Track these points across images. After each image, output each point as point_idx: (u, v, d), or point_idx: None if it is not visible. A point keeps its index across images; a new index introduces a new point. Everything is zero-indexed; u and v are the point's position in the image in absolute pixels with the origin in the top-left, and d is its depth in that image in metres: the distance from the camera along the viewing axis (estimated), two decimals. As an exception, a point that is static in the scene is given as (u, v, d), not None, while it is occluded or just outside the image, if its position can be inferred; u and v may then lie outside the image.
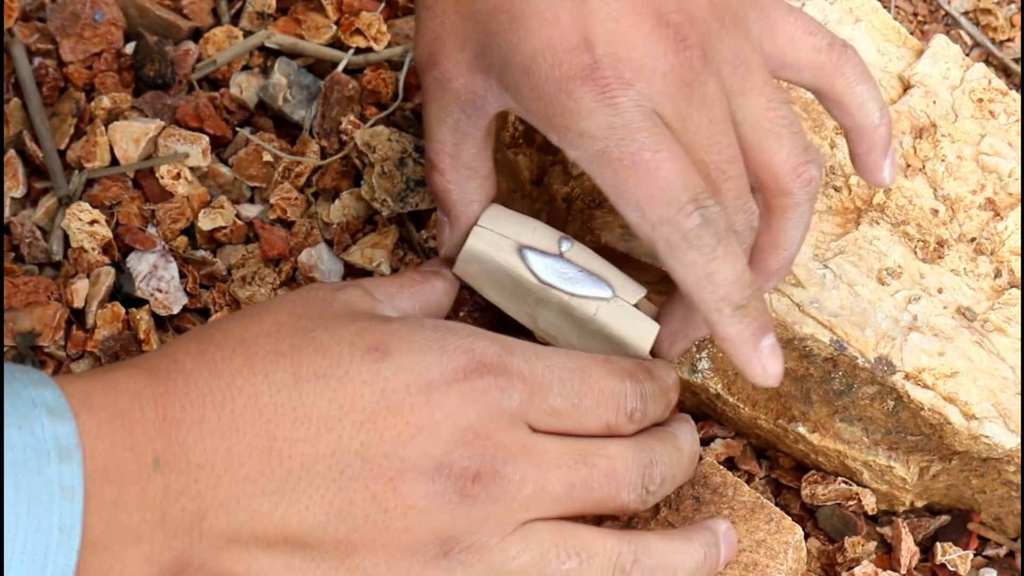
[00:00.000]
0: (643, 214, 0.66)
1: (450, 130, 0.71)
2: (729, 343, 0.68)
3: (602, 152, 0.65)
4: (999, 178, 0.84)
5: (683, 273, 0.66)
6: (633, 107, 0.65)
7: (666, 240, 0.66)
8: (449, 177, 0.72)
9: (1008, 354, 0.79)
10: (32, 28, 0.95)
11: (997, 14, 1.01)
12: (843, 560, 0.82)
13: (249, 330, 0.64)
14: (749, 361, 0.68)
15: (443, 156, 0.72)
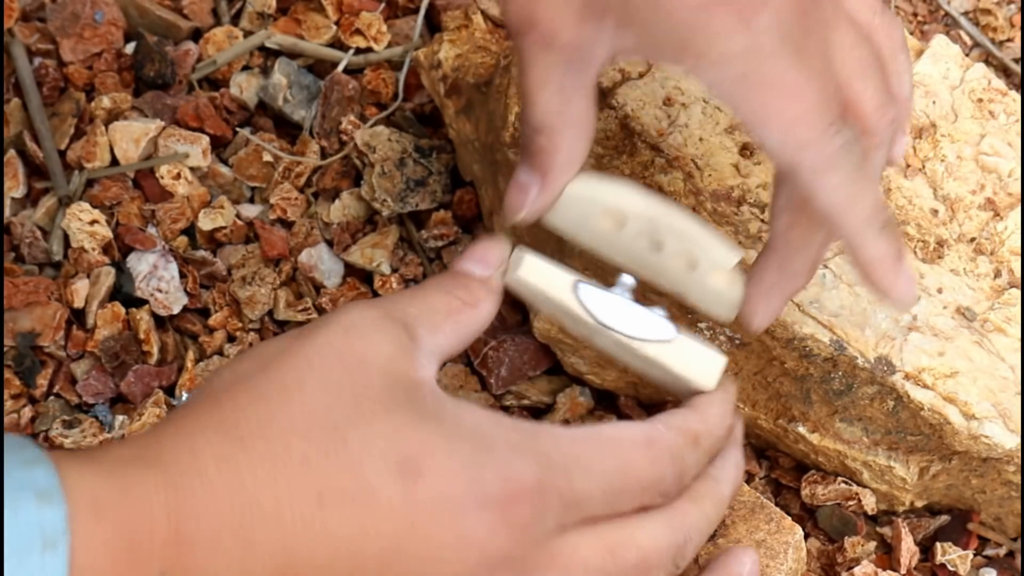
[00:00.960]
0: (786, 137, 0.64)
1: (555, 92, 0.67)
2: (876, 264, 0.67)
3: (743, 75, 0.64)
4: (999, 178, 0.84)
5: (828, 197, 0.65)
6: (771, 29, 0.64)
7: (811, 163, 0.65)
8: (558, 137, 0.68)
9: (1008, 354, 0.79)
10: (32, 28, 0.95)
11: (997, 14, 1.01)
12: (843, 560, 0.82)
13: (277, 421, 0.60)
14: (894, 282, 0.68)
15: (549, 117, 0.68)
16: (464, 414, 0.63)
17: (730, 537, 0.75)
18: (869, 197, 0.66)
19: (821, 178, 0.65)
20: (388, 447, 0.60)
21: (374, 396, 0.61)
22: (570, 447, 0.64)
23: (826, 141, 0.65)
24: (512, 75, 0.84)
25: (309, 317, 0.88)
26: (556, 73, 0.67)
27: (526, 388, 0.87)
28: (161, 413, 0.84)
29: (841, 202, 0.66)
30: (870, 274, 0.68)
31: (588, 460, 0.64)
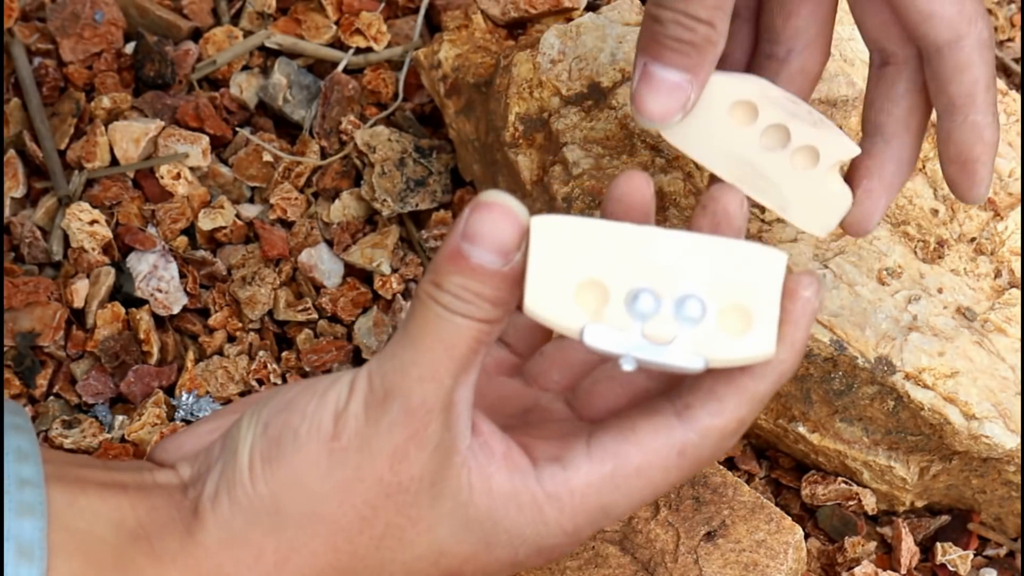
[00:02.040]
0: (962, 7, 0.67)
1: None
2: (990, 149, 0.69)
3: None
4: (999, 178, 0.84)
5: (980, 71, 0.68)
6: None
7: (978, 35, 0.68)
8: (720, 29, 0.66)
9: (1008, 354, 0.79)
10: (32, 28, 0.95)
11: (997, 14, 1.01)
12: (843, 560, 0.82)
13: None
14: (991, 171, 0.70)
15: (712, 10, 0.65)
16: (494, 507, 0.59)
17: (730, 537, 0.75)
18: (996, 87, 0.70)
19: (983, 52, 0.68)
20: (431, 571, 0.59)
21: (422, 522, 0.59)
22: (596, 499, 0.60)
23: (988, 20, 0.68)
24: (513, 74, 0.84)
25: (309, 317, 0.88)
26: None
27: (526, 388, 0.87)
28: (161, 413, 0.84)
29: (987, 81, 0.68)
30: (977, 159, 0.69)
31: (616, 507, 0.60)
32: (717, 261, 0.59)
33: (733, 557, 0.74)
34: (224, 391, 0.86)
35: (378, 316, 0.88)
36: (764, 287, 0.59)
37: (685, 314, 0.58)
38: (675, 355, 0.58)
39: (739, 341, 0.59)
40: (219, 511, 0.57)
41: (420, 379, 0.56)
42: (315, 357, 0.87)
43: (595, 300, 0.59)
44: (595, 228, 0.59)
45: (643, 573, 0.74)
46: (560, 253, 0.58)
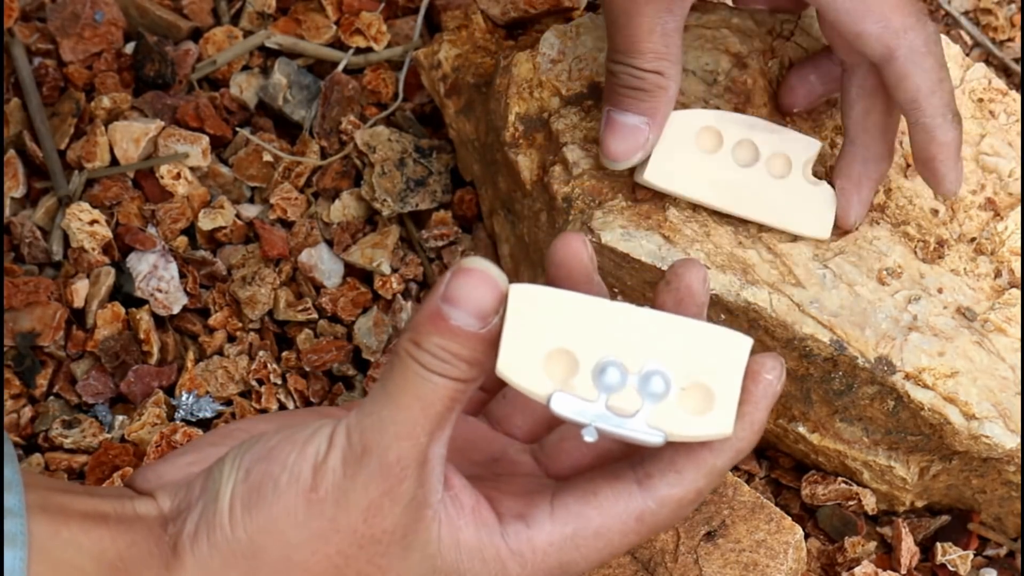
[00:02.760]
0: (887, 23, 0.73)
1: (661, 35, 0.76)
2: (943, 149, 0.75)
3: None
4: (999, 178, 0.84)
5: (920, 79, 0.74)
6: None
7: (910, 46, 0.73)
8: (668, 75, 0.76)
9: (1008, 354, 0.79)
10: (32, 28, 0.95)
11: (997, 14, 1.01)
12: (843, 560, 0.82)
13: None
14: (951, 170, 0.76)
15: (657, 60, 0.76)
16: (461, 560, 0.60)
17: (730, 537, 0.75)
18: (948, 85, 0.75)
19: (918, 60, 0.74)
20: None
21: (393, 572, 0.60)
22: (557, 557, 0.61)
23: (922, 27, 0.74)
24: (513, 74, 0.84)
25: (309, 317, 0.88)
26: (659, 20, 0.75)
27: (526, 388, 0.87)
28: (161, 413, 0.84)
29: (930, 86, 0.74)
30: (934, 158, 0.75)
31: (574, 566, 0.62)
32: (685, 340, 0.60)
33: (733, 557, 0.74)
34: (224, 391, 0.86)
35: (378, 316, 0.88)
36: (727, 369, 0.60)
37: (649, 389, 0.60)
38: (636, 429, 0.60)
39: (698, 419, 0.60)
40: (198, 551, 0.59)
41: (397, 436, 0.58)
42: (315, 357, 0.87)
43: (564, 369, 0.60)
44: (569, 300, 0.60)
45: (643, 573, 0.74)
46: (534, 321, 0.59)
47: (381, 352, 0.87)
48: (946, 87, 0.75)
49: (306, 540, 0.58)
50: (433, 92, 0.91)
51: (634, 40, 0.75)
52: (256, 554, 0.58)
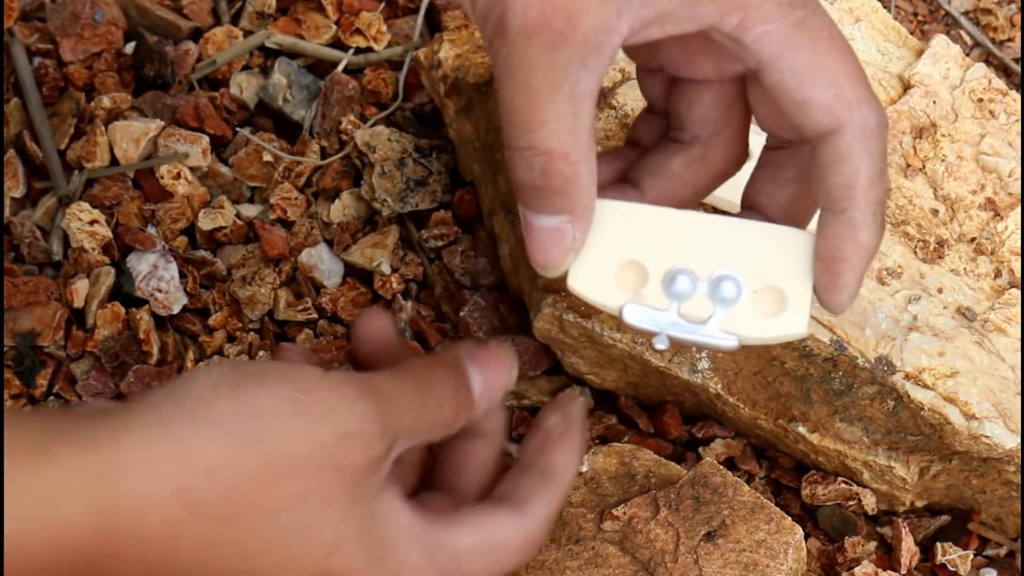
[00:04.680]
0: (839, 92, 0.61)
1: (568, 98, 0.58)
2: (861, 254, 0.62)
3: (800, 22, 0.60)
4: (999, 178, 0.84)
5: (862, 163, 0.61)
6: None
7: (862, 123, 0.61)
8: (575, 158, 0.59)
9: (1008, 354, 0.79)
10: (32, 28, 0.95)
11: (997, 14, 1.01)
12: (843, 560, 0.82)
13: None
14: (857, 280, 0.63)
15: (563, 135, 0.59)
16: (393, 535, 0.61)
17: (730, 537, 0.75)
18: (886, 182, 0.63)
19: (867, 141, 0.61)
20: (316, 563, 0.59)
21: (336, 509, 0.59)
22: (466, 563, 0.63)
23: (876, 104, 0.62)
24: (512, 75, 0.84)
25: (309, 317, 0.88)
26: (571, 71, 0.59)
27: (526, 388, 0.87)
28: (161, 413, 0.84)
29: (870, 174, 0.62)
30: (845, 260, 0.62)
31: (474, 574, 0.64)
32: (751, 243, 0.61)
33: (733, 557, 0.74)
34: (224, 391, 0.86)
35: (378, 316, 0.88)
36: (795, 269, 0.61)
37: (720, 294, 0.60)
38: (709, 334, 0.60)
39: (772, 320, 0.61)
40: (162, 413, 0.57)
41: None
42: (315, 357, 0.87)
43: (634, 280, 0.61)
44: (636, 212, 0.61)
45: (643, 573, 0.74)
46: (603, 236, 0.60)
47: (381, 352, 0.87)
48: (884, 183, 0.62)
49: (280, 430, 0.57)
50: (433, 92, 0.91)
51: (531, 105, 0.58)
52: (231, 429, 0.57)
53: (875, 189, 0.62)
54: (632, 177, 0.66)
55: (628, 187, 0.66)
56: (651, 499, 0.76)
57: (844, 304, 0.63)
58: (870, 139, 0.62)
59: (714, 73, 0.65)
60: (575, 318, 0.80)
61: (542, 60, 0.58)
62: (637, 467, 0.78)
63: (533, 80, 0.58)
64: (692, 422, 0.87)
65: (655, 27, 0.60)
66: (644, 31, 0.60)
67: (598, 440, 0.85)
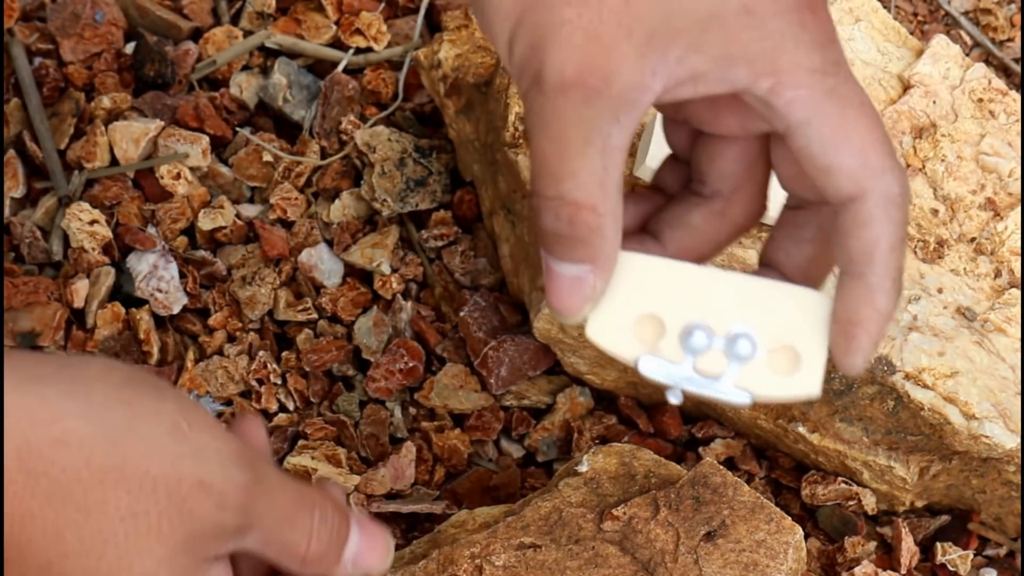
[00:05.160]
0: (866, 159, 0.61)
1: (599, 152, 0.59)
2: (878, 318, 0.62)
3: (832, 89, 0.61)
4: (999, 178, 0.84)
5: (884, 230, 0.61)
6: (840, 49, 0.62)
7: (886, 192, 0.61)
8: (602, 210, 0.60)
9: (1008, 354, 0.79)
10: (32, 28, 0.95)
11: (997, 14, 1.01)
12: (843, 560, 0.82)
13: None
14: (873, 344, 0.62)
15: (592, 188, 0.59)
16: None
17: (730, 537, 0.75)
18: (905, 250, 0.63)
19: (891, 210, 0.61)
20: None
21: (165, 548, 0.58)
22: None
23: (901, 173, 0.62)
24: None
25: (309, 317, 0.88)
26: (603, 126, 0.59)
27: (526, 388, 0.87)
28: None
29: (892, 242, 0.61)
30: (861, 323, 0.62)
31: None
32: (768, 302, 0.62)
33: (733, 557, 0.74)
34: (224, 391, 0.86)
35: (378, 316, 0.88)
36: (811, 330, 0.62)
37: (736, 351, 0.61)
38: (723, 390, 0.61)
39: (785, 380, 0.61)
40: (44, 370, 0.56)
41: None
42: (315, 357, 0.87)
43: (651, 333, 0.61)
44: (656, 265, 0.61)
45: (643, 573, 0.74)
46: (623, 287, 0.61)
47: (381, 352, 0.87)
48: (903, 251, 0.62)
49: (147, 448, 0.57)
50: (433, 92, 0.91)
51: (563, 158, 0.59)
52: (103, 417, 0.56)
53: (895, 255, 0.62)
54: (653, 229, 0.67)
55: (648, 239, 0.66)
56: (651, 499, 0.76)
57: (859, 367, 0.63)
58: (893, 207, 0.61)
59: (739, 130, 0.65)
60: (575, 318, 0.80)
61: (576, 114, 0.59)
62: (637, 467, 0.78)
63: (566, 133, 0.59)
64: (692, 422, 0.87)
65: (687, 87, 0.61)
66: (676, 90, 0.61)
67: (598, 440, 0.85)
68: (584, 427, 0.85)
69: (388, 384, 0.86)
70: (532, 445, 0.86)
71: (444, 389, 0.86)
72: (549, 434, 0.86)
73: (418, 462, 0.85)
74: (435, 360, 0.88)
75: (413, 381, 0.87)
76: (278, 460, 0.85)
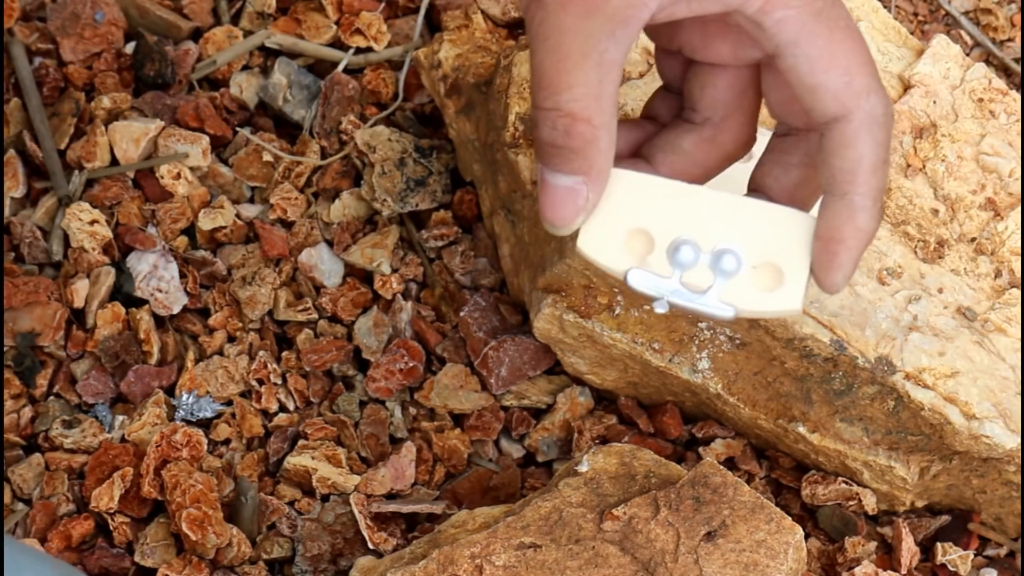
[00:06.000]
0: (850, 80, 0.63)
1: (595, 65, 0.61)
2: (859, 236, 0.64)
3: (820, 11, 0.63)
4: (999, 178, 0.84)
5: (867, 149, 0.63)
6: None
7: (870, 112, 0.63)
8: (597, 122, 0.62)
9: (1008, 354, 0.79)
10: (32, 28, 0.95)
11: (997, 14, 1.01)
12: (843, 560, 0.82)
13: None
14: (853, 261, 0.65)
15: (588, 100, 0.61)
16: None
17: (730, 537, 0.75)
18: (887, 171, 0.65)
19: (874, 130, 0.63)
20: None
21: None
22: None
23: (884, 94, 0.64)
24: (513, 74, 0.84)
25: (309, 317, 0.88)
26: (600, 41, 0.61)
27: (526, 388, 0.87)
28: (161, 413, 0.84)
29: (874, 161, 0.64)
30: (843, 241, 0.64)
31: None
32: (755, 220, 0.63)
33: (733, 557, 0.74)
34: (224, 391, 0.86)
35: (378, 316, 0.88)
36: (794, 248, 0.63)
37: (721, 267, 0.63)
38: (708, 303, 0.63)
39: (768, 295, 0.63)
40: None
41: None
42: (315, 357, 0.87)
43: (641, 247, 0.63)
44: (647, 183, 0.63)
45: (643, 573, 0.74)
46: (614, 203, 0.63)
47: (381, 352, 0.87)
48: (886, 172, 0.64)
49: None
50: (433, 92, 0.91)
51: (560, 70, 0.61)
52: None
53: (877, 176, 0.64)
54: (645, 153, 0.69)
55: (641, 161, 0.68)
56: (651, 499, 0.76)
57: (839, 284, 0.65)
58: (876, 127, 0.64)
59: (730, 58, 0.67)
60: (575, 318, 0.80)
61: (574, 27, 0.61)
62: (637, 467, 0.78)
63: (563, 45, 0.61)
64: (692, 422, 0.87)
65: (682, 5, 0.63)
66: (671, 8, 0.63)
67: (598, 440, 0.85)
68: (584, 427, 0.85)
69: (388, 384, 0.86)
70: (532, 445, 0.86)
71: (444, 389, 0.86)
72: (549, 434, 0.86)
73: (418, 462, 0.85)
74: (435, 360, 0.88)
75: (413, 381, 0.87)
76: (278, 460, 0.85)
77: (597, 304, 0.81)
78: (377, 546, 0.81)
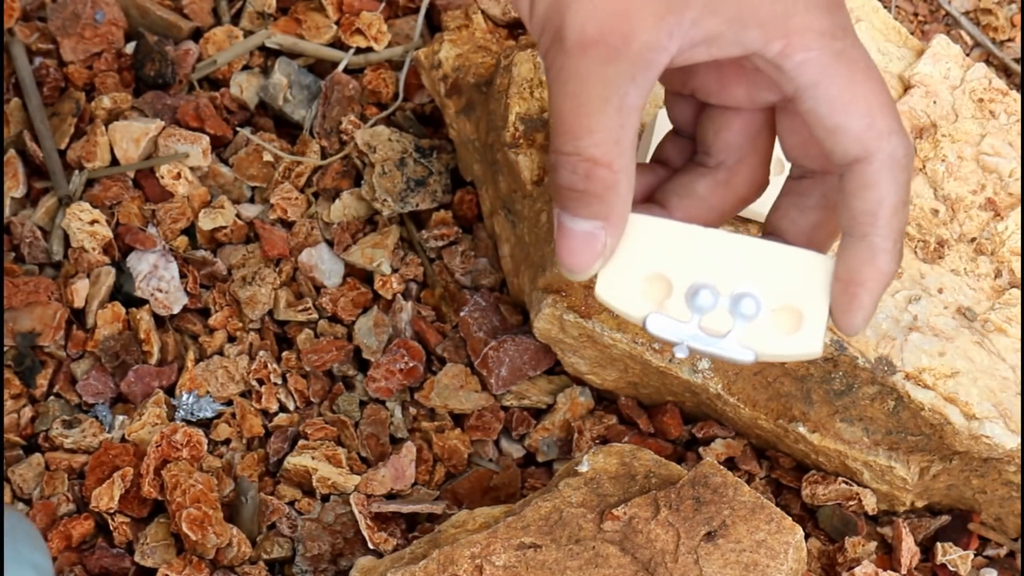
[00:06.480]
0: (872, 121, 0.62)
1: (617, 110, 0.61)
2: (879, 279, 0.63)
3: (840, 52, 0.62)
4: (999, 178, 0.84)
5: (888, 191, 0.63)
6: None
7: (891, 153, 0.63)
8: (617, 167, 0.62)
9: (1008, 354, 0.79)
10: (32, 28, 0.95)
11: (998, 14, 1.01)
12: (843, 560, 0.82)
13: None
14: (873, 304, 0.64)
15: (608, 145, 0.61)
16: None
17: (730, 537, 0.75)
18: (907, 213, 0.64)
19: (895, 171, 0.63)
20: None
21: None
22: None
23: (906, 136, 0.63)
24: (513, 74, 0.84)
25: (309, 317, 0.88)
26: (621, 86, 0.61)
27: (526, 388, 0.87)
28: (161, 413, 0.84)
29: (895, 204, 0.63)
30: (863, 283, 0.64)
31: None
32: (772, 263, 0.63)
33: (733, 557, 0.74)
34: (224, 391, 0.86)
35: (378, 316, 0.88)
36: (813, 290, 0.63)
37: (740, 310, 0.63)
38: (728, 348, 0.63)
39: (788, 338, 0.63)
40: None
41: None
42: (315, 357, 0.87)
43: (659, 292, 0.63)
44: (664, 227, 0.63)
45: (643, 573, 0.74)
46: (632, 248, 0.63)
47: (381, 352, 0.87)
48: (906, 213, 0.64)
49: None
50: (433, 92, 0.91)
51: (581, 114, 0.61)
52: None
53: (898, 217, 0.63)
54: (659, 198, 0.68)
55: (655, 206, 0.68)
56: (651, 499, 0.76)
57: (858, 327, 0.64)
58: (898, 169, 0.63)
59: (745, 101, 0.66)
60: (575, 318, 0.80)
61: (595, 73, 0.61)
62: (637, 467, 0.78)
63: (584, 91, 0.61)
64: (692, 422, 0.87)
65: (702, 49, 0.62)
66: (691, 52, 0.62)
67: (598, 440, 0.85)
68: (584, 427, 0.85)
69: (388, 384, 0.86)
70: (532, 445, 0.86)
71: (444, 389, 0.86)
72: (549, 434, 0.86)
73: (418, 462, 0.85)
74: (435, 360, 0.88)
75: (413, 381, 0.87)
76: (278, 460, 0.85)
77: (597, 304, 0.81)
78: (377, 546, 0.81)
